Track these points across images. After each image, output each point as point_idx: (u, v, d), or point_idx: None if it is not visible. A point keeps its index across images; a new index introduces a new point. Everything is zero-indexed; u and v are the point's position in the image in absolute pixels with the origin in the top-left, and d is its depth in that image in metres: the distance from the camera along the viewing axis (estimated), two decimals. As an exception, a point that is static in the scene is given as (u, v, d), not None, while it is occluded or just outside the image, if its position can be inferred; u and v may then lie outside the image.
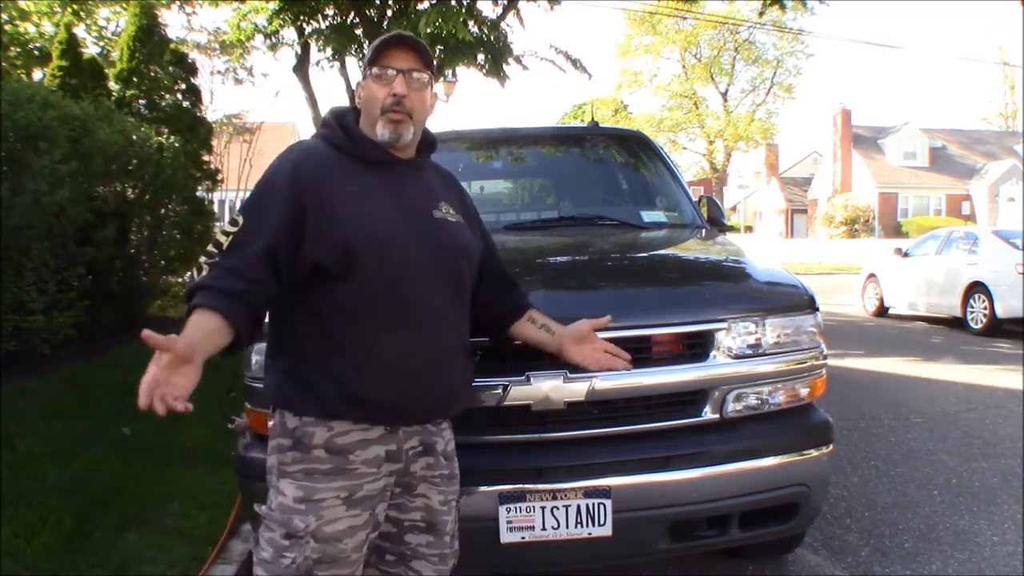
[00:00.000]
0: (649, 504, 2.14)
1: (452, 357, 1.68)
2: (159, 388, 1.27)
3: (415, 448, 1.69)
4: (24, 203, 4.72)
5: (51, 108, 5.08)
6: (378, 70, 1.65)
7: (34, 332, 5.06)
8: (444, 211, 1.72)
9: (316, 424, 1.59)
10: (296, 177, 1.58)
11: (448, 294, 1.66)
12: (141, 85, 7.89)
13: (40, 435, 3.84)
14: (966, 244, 10.37)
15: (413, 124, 1.67)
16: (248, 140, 12.91)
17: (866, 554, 3.13)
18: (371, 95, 1.66)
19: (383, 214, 1.61)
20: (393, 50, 1.66)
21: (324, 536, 1.56)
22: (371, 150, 1.67)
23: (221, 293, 1.46)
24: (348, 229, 1.55)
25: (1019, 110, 45.43)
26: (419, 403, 1.65)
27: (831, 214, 36.77)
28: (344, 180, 1.62)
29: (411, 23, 8.31)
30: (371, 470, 1.61)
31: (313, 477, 1.58)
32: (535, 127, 6.10)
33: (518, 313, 1.87)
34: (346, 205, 1.58)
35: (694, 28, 40.11)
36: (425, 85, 1.68)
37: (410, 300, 1.60)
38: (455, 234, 1.71)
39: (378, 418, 1.61)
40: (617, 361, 1.82)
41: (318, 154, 1.67)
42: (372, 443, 1.61)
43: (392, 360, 1.58)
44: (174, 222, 7.51)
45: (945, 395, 6.04)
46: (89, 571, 2.55)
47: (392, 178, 1.68)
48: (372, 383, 1.58)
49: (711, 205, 3.71)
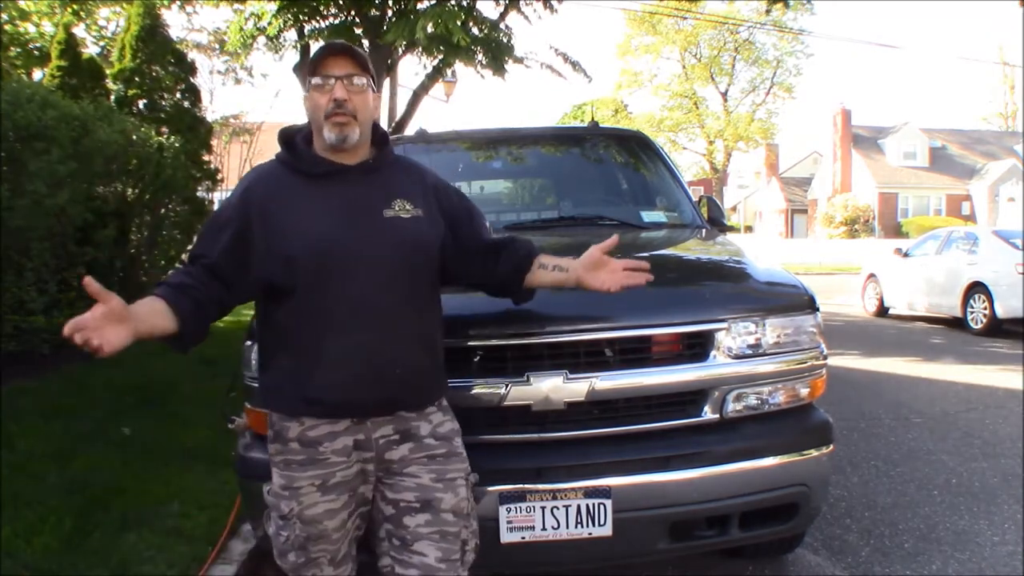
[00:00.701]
0: (649, 504, 2.14)
1: (405, 350, 1.73)
2: (86, 329, 1.40)
3: (388, 436, 1.76)
4: (24, 204, 4.72)
5: (51, 108, 5.08)
6: (318, 80, 1.74)
7: (34, 332, 5.06)
8: (398, 208, 1.76)
9: (289, 419, 1.75)
10: (245, 202, 1.75)
11: (399, 290, 1.73)
12: (142, 85, 7.88)
13: (40, 435, 3.84)
14: (966, 244, 10.37)
15: (358, 125, 1.74)
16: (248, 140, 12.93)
17: (866, 554, 3.13)
18: (314, 104, 1.75)
19: (324, 224, 1.71)
20: (330, 59, 1.75)
21: (307, 518, 1.74)
22: (315, 164, 1.78)
23: (169, 286, 1.66)
24: (288, 243, 1.68)
25: (1019, 110, 45.43)
26: (368, 397, 1.71)
27: (831, 214, 36.77)
28: (290, 197, 1.74)
29: (411, 24, 8.31)
30: (341, 459, 1.74)
31: (291, 467, 1.75)
32: (535, 127, 6.11)
33: (525, 265, 1.88)
34: (288, 221, 1.71)
35: (694, 28, 40.13)
36: (364, 88, 1.76)
37: (353, 301, 1.69)
38: (407, 230, 1.75)
39: (333, 413, 1.72)
40: (637, 276, 1.82)
41: (268, 176, 1.81)
42: (340, 435, 1.73)
43: (337, 359, 1.68)
44: (174, 222, 7.50)
45: (945, 395, 6.04)
46: (89, 571, 2.55)
47: (339, 186, 1.76)
48: (321, 383, 1.69)
49: (711, 205, 3.71)
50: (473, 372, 2.12)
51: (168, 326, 1.60)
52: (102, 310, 1.43)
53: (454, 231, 1.85)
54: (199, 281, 1.67)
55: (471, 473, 1.83)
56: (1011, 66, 42.24)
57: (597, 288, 1.82)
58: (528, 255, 1.88)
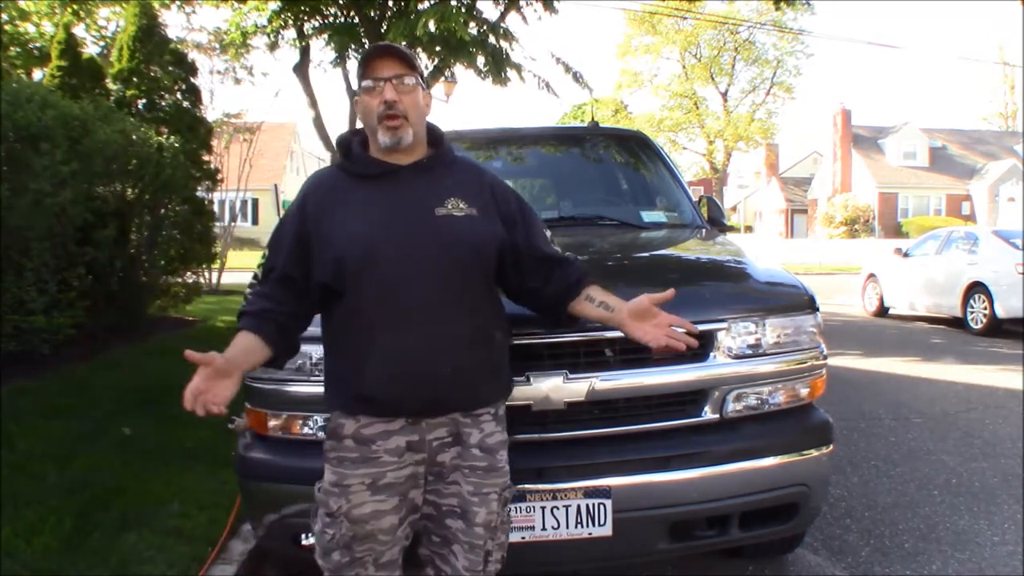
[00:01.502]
0: (649, 504, 2.14)
1: (458, 350, 1.73)
2: (201, 396, 1.54)
3: (442, 439, 1.78)
4: (25, 204, 4.72)
5: (50, 108, 5.08)
6: (368, 83, 1.76)
7: (34, 332, 5.06)
8: (451, 206, 1.77)
9: (345, 416, 1.78)
10: (303, 210, 1.80)
11: (451, 288, 1.73)
12: (141, 85, 7.88)
13: (40, 435, 3.84)
14: (966, 244, 10.37)
15: (411, 125, 1.76)
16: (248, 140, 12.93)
17: (866, 554, 3.13)
18: (366, 108, 1.78)
19: (374, 224, 1.73)
20: (377, 61, 1.77)
21: (354, 517, 1.75)
22: (367, 165, 1.82)
23: (251, 315, 1.74)
24: (340, 246, 1.72)
25: (1019, 110, 45.46)
26: (419, 396, 1.72)
27: (831, 214, 36.77)
28: (344, 200, 1.79)
29: (411, 23, 8.30)
30: (393, 459, 1.75)
31: (344, 464, 1.76)
32: (535, 127, 6.10)
33: (574, 292, 1.87)
34: (341, 224, 1.75)
35: (694, 28, 40.13)
36: (414, 87, 1.77)
37: (404, 300, 1.71)
38: (460, 229, 1.75)
39: (386, 412, 1.74)
40: (681, 340, 1.78)
41: (325, 181, 1.86)
42: (394, 434, 1.75)
43: (389, 358, 1.70)
44: (174, 222, 7.49)
45: (945, 395, 6.04)
46: (89, 571, 2.55)
47: (392, 186, 1.78)
48: (372, 381, 1.71)
49: (711, 205, 3.71)
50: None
51: (263, 356, 1.72)
52: (207, 372, 1.55)
53: (509, 235, 1.84)
54: (276, 301, 1.74)
55: (508, 488, 1.85)
56: (1011, 66, 42.30)
57: (639, 339, 1.80)
58: (578, 283, 1.87)
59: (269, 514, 2.23)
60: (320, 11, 9.79)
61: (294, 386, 2.16)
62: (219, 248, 10.66)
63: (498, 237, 1.81)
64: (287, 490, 2.17)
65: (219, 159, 9.62)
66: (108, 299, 6.29)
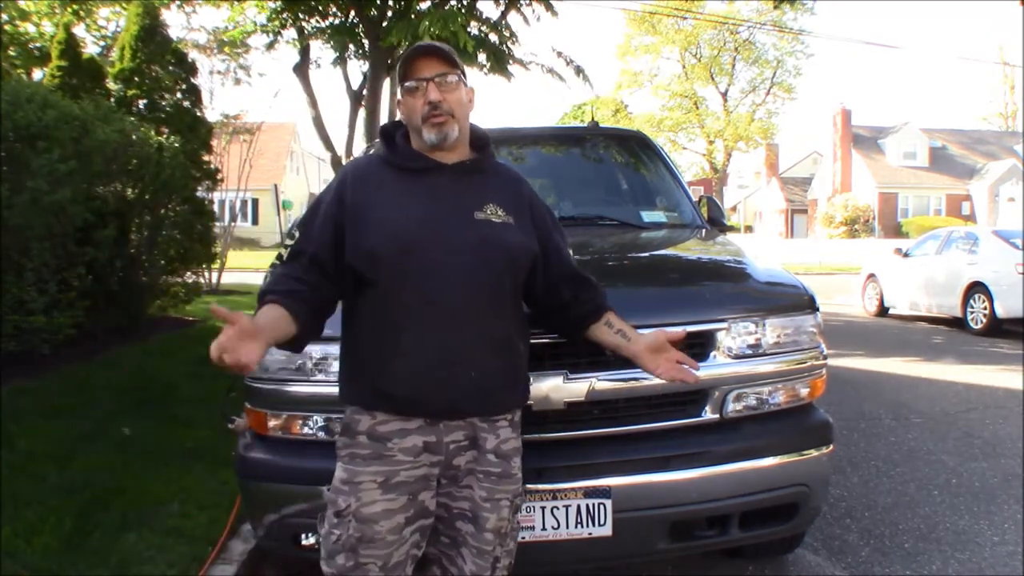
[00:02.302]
0: (649, 504, 2.14)
1: (482, 354, 1.72)
2: (226, 352, 1.47)
3: (458, 442, 1.76)
4: (23, 201, 4.71)
5: (50, 108, 5.08)
6: (410, 84, 1.76)
7: (34, 332, 5.05)
8: (489, 212, 1.77)
9: (362, 412, 1.76)
10: (341, 193, 1.78)
11: (482, 292, 1.72)
12: (142, 85, 7.88)
13: (40, 435, 3.84)
14: (966, 244, 10.37)
15: (456, 122, 1.77)
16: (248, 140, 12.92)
17: (866, 554, 3.13)
18: (409, 108, 1.77)
19: (412, 219, 1.72)
20: (419, 61, 1.76)
21: (362, 516, 1.70)
22: (412, 159, 1.80)
23: (279, 292, 1.69)
24: (376, 236, 1.70)
25: (1019, 110, 45.44)
26: (441, 397, 1.71)
27: (831, 214, 36.76)
28: (382, 191, 1.77)
29: (411, 24, 8.31)
30: (408, 458, 1.72)
31: (355, 461, 1.74)
32: (535, 127, 6.10)
33: (596, 316, 1.89)
34: (379, 214, 1.73)
35: (694, 28, 40.12)
36: (457, 85, 1.77)
37: (435, 298, 1.69)
38: (495, 235, 1.75)
39: (405, 410, 1.73)
40: (687, 373, 1.84)
41: (365, 169, 1.85)
42: (411, 433, 1.73)
43: (414, 356, 1.69)
44: (174, 222, 7.49)
45: (945, 395, 6.04)
46: (89, 571, 2.55)
47: (433, 183, 1.77)
48: (395, 378, 1.70)
49: (711, 205, 3.71)
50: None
51: (288, 332, 1.66)
52: (234, 330, 1.49)
53: (543, 249, 1.84)
54: (305, 284, 1.71)
55: (520, 495, 1.84)
56: (1011, 66, 42.29)
57: (651, 371, 1.84)
58: (599, 309, 1.89)
59: (269, 514, 2.23)
60: (320, 11, 9.80)
61: (294, 386, 2.16)
62: (219, 248, 10.66)
63: (532, 250, 1.81)
64: (287, 490, 2.17)
65: (219, 159, 9.61)
66: (108, 299, 6.29)
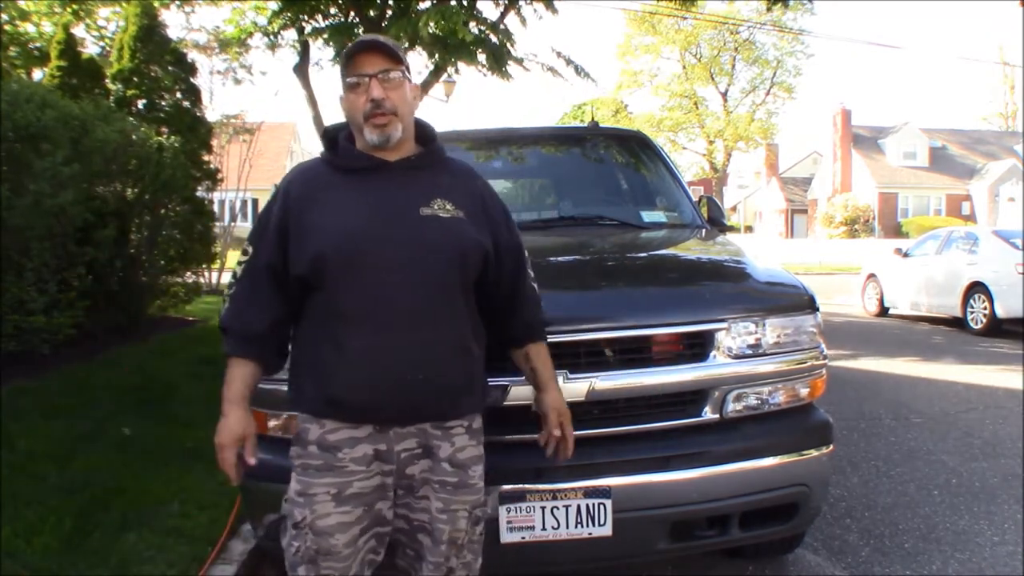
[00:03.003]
0: (649, 504, 2.14)
1: (434, 356, 1.67)
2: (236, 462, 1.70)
3: (410, 450, 1.70)
4: (25, 204, 4.71)
5: (50, 108, 5.08)
6: (352, 79, 1.70)
7: (34, 332, 5.05)
8: (436, 207, 1.70)
9: (311, 421, 1.71)
10: (285, 200, 1.73)
11: (431, 292, 1.67)
12: (141, 85, 7.88)
13: (40, 435, 3.84)
14: (966, 244, 10.37)
15: (400, 120, 1.71)
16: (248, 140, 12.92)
17: (866, 554, 3.13)
18: (351, 105, 1.72)
19: (356, 220, 1.67)
20: (361, 56, 1.70)
21: (318, 529, 1.67)
22: (353, 159, 1.75)
23: (246, 339, 1.73)
24: (319, 240, 1.66)
25: (1019, 110, 45.42)
26: (392, 402, 1.65)
27: (831, 214, 36.76)
28: (326, 193, 1.72)
29: (411, 23, 8.31)
30: (360, 468, 1.67)
31: (308, 472, 1.70)
32: (535, 127, 6.10)
33: (516, 344, 1.90)
34: (321, 217, 1.68)
35: (694, 28, 40.09)
36: (401, 82, 1.71)
37: (383, 301, 1.64)
38: (445, 230, 1.69)
39: (355, 417, 1.67)
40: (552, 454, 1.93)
41: (309, 173, 1.79)
42: (361, 441, 1.68)
43: (364, 361, 1.64)
44: (174, 222, 7.49)
45: (945, 395, 6.04)
46: (89, 571, 2.55)
47: (377, 182, 1.72)
48: (345, 384, 1.65)
49: (711, 205, 3.71)
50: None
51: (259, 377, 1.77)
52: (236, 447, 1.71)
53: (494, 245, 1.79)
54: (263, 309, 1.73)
55: (480, 505, 1.78)
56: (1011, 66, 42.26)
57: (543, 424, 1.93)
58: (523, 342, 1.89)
59: (269, 514, 2.22)
60: (320, 11, 9.80)
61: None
62: (219, 248, 10.66)
63: (484, 245, 1.75)
64: (287, 490, 2.17)
65: (219, 159, 9.61)
66: (108, 299, 6.29)
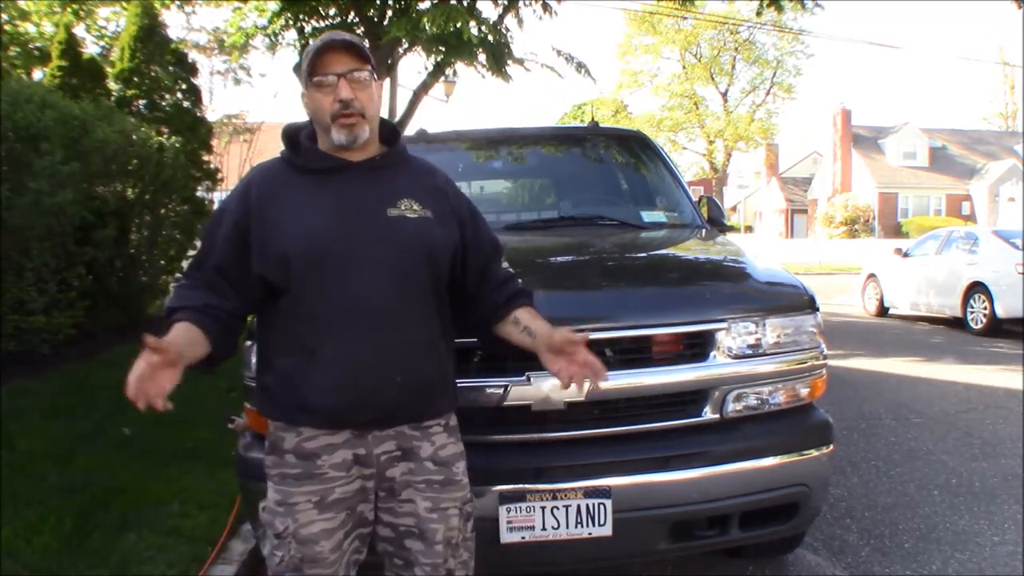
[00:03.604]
0: (649, 504, 2.14)
1: (408, 357, 1.64)
2: (144, 383, 1.40)
3: (390, 452, 1.68)
4: (24, 203, 4.72)
5: (50, 108, 5.08)
6: (319, 78, 1.64)
7: (34, 332, 5.06)
8: (404, 207, 1.67)
9: (286, 429, 1.67)
10: (244, 200, 1.68)
11: (401, 293, 1.64)
12: (141, 85, 7.89)
13: (40, 435, 3.84)
14: (966, 244, 10.37)
15: (367, 121, 1.67)
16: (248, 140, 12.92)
17: (866, 554, 3.13)
18: (317, 105, 1.66)
19: (321, 221, 1.63)
20: (329, 55, 1.64)
21: (301, 538, 1.64)
22: (316, 160, 1.70)
23: (191, 309, 1.60)
24: (283, 241, 1.62)
25: (1019, 110, 45.45)
26: (367, 406, 1.62)
27: (831, 214, 36.76)
28: (289, 194, 1.67)
29: (412, 23, 8.30)
30: (340, 474, 1.65)
31: (287, 481, 1.66)
32: (535, 127, 6.11)
33: (502, 313, 1.78)
34: (286, 218, 1.64)
35: (694, 28, 40.11)
36: (368, 82, 1.66)
37: (352, 303, 1.61)
38: (412, 231, 1.66)
39: (331, 423, 1.64)
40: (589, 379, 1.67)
41: (270, 173, 1.74)
42: (339, 447, 1.65)
43: (335, 365, 1.61)
44: (174, 222, 7.50)
45: (945, 395, 6.04)
46: (89, 571, 2.55)
47: (342, 183, 1.68)
48: (318, 388, 1.61)
49: (711, 205, 3.71)
50: (473, 372, 2.11)
51: (201, 351, 1.58)
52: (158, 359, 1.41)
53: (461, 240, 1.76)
54: (216, 295, 1.63)
55: (469, 502, 1.76)
56: (1011, 66, 42.29)
57: (551, 370, 1.69)
58: (509, 308, 1.77)
59: (269, 514, 2.23)
60: (320, 12, 9.79)
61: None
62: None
63: (452, 243, 1.72)
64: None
65: (219, 159, 9.61)
66: (108, 299, 6.29)
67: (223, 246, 1.66)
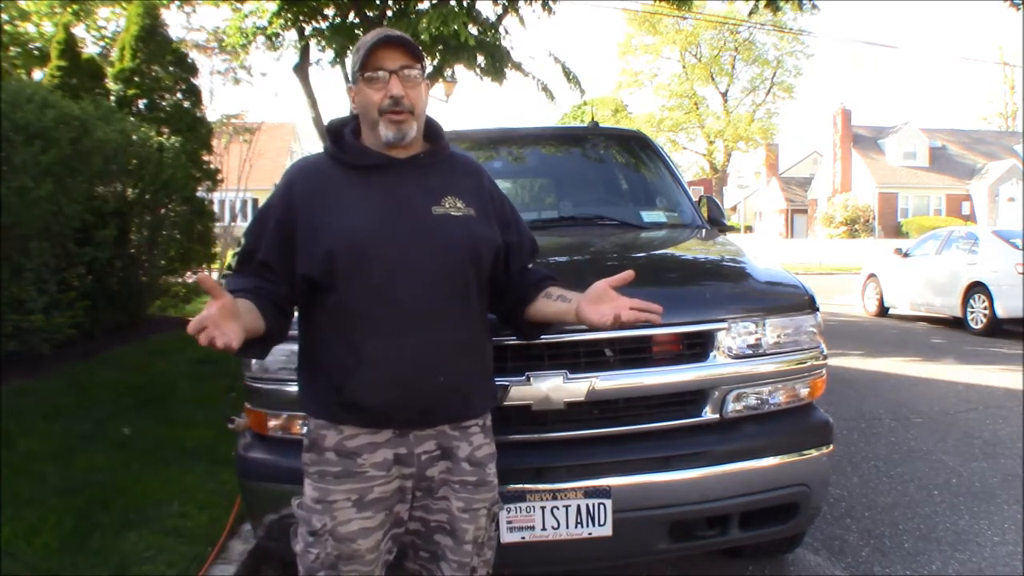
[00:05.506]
0: (649, 504, 2.14)
1: (451, 357, 1.64)
2: (209, 324, 1.36)
3: (430, 452, 1.69)
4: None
5: (50, 108, 5.08)
6: (370, 73, 1.64)
7: (34, 332, 5.06)
8: (448, 205, 1.68)
9: (328, 427, 1.66)
10: (288, 197, 1.68)
11: (445, 292, 1.64)
12: (142, 85, 7.89)
13: (40, 435, 3.84)
14: (966, 244, 10.37)
15: (415, 119, 1.67)
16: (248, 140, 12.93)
17: (866, 554, 3.13)
18: (367, 100, 1.66)
19: (368, 219, 1.63)
20: (381, 50, 1.64)
21: (339, 536, 1.64)
22: (362, 157, 1.70)
23: (243, 291, 1.59)
24: (330, 239, 1.60)
25: (1019, 110, 45.48)
26: (411, 405, 1.63)
27: (831, 214, 36.77)
28: (335, 191, 1.67)
29: (411, 24, 8.30)
30: (380, 473, 1.65)
31: (326, 479, 1.66)
32: (535, 127, 6.10)
33: (534, 293, 1.78)
34: (332, 216, 1.63)
35: (694, 28, 40.13)
36: (419, 80, 1.67)
37: (396, 302, 1.60)
38: (457, 229, 1.67)
39: (374, 421, 1.64)
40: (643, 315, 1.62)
41: (313, 169, 1.73)
42: (380, 446, 1.65)
43: (380, 363, 1.60)
44: (174, 222, 7.51)
45: (945, 395, 6.04)
46: (89, 571, 2.55)
47: (387, 180, 1.68)
48: (361, 387, 1.61)
49: (711, 205, 3.71)
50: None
51: (260, 327, 1.56)
52: (218, 306, 1.39)
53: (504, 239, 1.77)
54: (268, 282, 1.63)
55: (496, 503, 1.78)
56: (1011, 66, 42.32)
57: (595, 322, 1.64)
58: (540, 286, 1.79)
59: (269, 514, 2.23)
60: (320, 12, 9.79)
61: (294, 386, 2.15)
62: (219, 248, 10.67)
63: (495, 242, 1.73)
64: (287, 490, 2.16)
65: (219, 159, 9.61)
66: (108, 299, 6.29)
67: (268, 244, 1.65)
